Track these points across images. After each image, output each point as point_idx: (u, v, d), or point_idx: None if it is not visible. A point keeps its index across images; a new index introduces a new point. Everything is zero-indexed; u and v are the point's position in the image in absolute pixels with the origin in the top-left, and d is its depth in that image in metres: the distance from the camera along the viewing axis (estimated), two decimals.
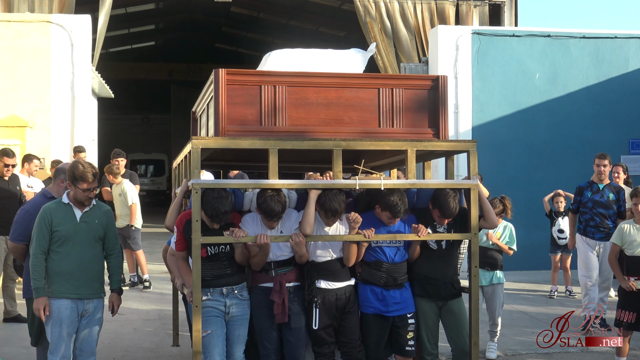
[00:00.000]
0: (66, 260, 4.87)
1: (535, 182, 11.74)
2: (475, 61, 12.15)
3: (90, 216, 4.97)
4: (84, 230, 4.91)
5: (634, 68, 12.53)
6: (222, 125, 4.79)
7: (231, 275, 4.81)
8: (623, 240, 6.16)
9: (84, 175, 4.83)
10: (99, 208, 5.06)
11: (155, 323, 8.12)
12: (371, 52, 5.53)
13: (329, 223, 4.90)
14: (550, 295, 10.03)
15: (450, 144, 5.11)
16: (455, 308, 5.20)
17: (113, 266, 5.17)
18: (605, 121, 12.34)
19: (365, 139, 4.90)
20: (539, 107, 12.32)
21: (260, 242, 4.64)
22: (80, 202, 4.91)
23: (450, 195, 4.98)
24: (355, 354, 4.97)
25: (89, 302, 4.96)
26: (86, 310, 4.94)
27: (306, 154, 5.44)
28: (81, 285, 4.90)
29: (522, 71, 12.32)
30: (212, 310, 4.70)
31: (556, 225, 10.05)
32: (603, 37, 12.52)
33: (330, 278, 4.94)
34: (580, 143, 12.13)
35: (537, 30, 12.60)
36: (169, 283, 10.36)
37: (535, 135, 12.23)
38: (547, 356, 6.76)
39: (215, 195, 4.56)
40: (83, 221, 4.92)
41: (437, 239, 5.13)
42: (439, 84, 5.14)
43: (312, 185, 4.91)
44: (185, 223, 4.77)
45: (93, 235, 4.96)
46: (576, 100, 12.36)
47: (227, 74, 4.82)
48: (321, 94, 4.98)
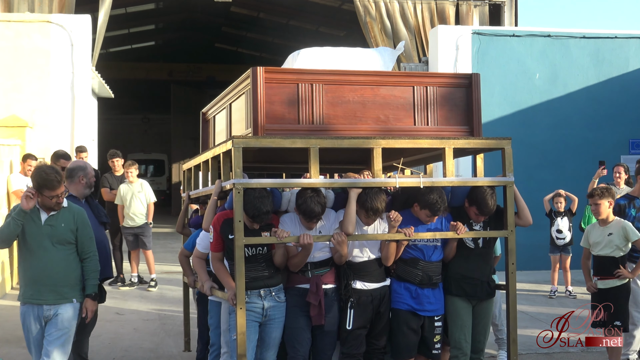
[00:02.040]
0: (29, 265, 4.73)
1: (535, 182, 11.73)
2: (475, 61, 12.15)
3: (56, 219, 4.76)
4: (47, 234, 4.71)
5: (634, 68, 12.53)
6: (261, 123, 4.72)
7: (269, 277, 4.72)
8: (589, 241, 6.26)
9: (48, 184, 4.63)
10: (68, 211, 4.84)
11: (155, 323, 8.11)
12: (400, 50, 5.53)
13: (368, 222, 4.86)
14: (550, 295, 10.03)
15: (486, 142, 5.11)
16: (485, 309, 5.20)
17: (88, 270, 4.93)
18: (605, 121, 12.34)
19: (403, 137, 4.88)
20: (539, 107, 12.32)
21: (304, 242, 4.56)
22: (48, 207, 4.72)
23: (488, 192, 4.98)
24: (380, 356, 4.95)
25: (52, 308, 4.75)
26: (47, 317, 4.74)
27: (336, 154, 5.39)
28: (45, 291, 4.71)
29: (522, 71, 12.32)
30: (249, 314, 4.58)
31: (555, 225, 10.03)
32: (603, 37, 12.52)
33: (366, 279, 4.89)
34: (580, 143, 12.14)
35: (537, 30, 12.60)
36: (169, 283, 10.40)
37: (535, 135, 12.22)
38: (547, 356, 6.75)
39: (256, 194, 4.48)
40: (48, 224, 4.73)
41: (473, 238, 5.11)
42: (472, 82, 5.15)
43: (353, 184, 4.83)
44: (223, 223, 4.68)
45: (58, 239, 4.75)
46: (576, 100, 12.36)
47: (266, 72, 4.76)
48: (357, 92, 4.96)
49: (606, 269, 6.10)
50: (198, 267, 5.13)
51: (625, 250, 6.13)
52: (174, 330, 7.67)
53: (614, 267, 6.06)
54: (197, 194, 6.08)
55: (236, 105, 5.37)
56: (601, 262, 6.15)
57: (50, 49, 11.45)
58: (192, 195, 6.28)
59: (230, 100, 5.53)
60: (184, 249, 5.69)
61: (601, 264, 6.15)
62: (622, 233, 6.06)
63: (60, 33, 11.51)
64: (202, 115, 6.73)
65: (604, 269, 6.12)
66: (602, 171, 9.59)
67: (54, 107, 11.47)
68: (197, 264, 5.15)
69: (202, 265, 5.09)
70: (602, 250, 6.13)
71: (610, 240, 6.09)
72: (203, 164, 5.78)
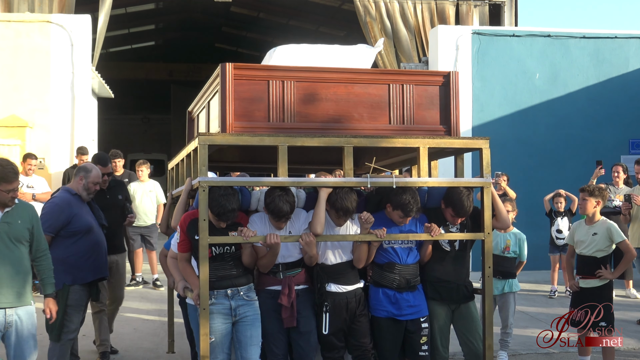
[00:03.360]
0: None
1: (535, 182, 11.74)
2: (475, 61, 12.15)
3: (12, 216, 4.55)
4: (4, 231, 4.49)
5: (634, 68, 12.53)
6: (229, 121, 4.64)
7: (237, 277, 4.62)
8: (573, 239, 6.27)
9: (5, 176, 4.44)
10: (22, 208, 4.65)
11: (155, 323, 8.11)
12: (379, 47, 5.42)
13: (339, 223, 4.78)
14: (550, 295, 10.03)
15: (463, 141, 4.99)
16: (468, 311, 5.09)
17: (44, 269, 4.74)
18: (605, 121, 12.33)
19: (376, 136, 4.78)
20: (539, 107, 12.32)
21: (270, 242, 4.49)
22: (2, 203, 4.51)
23: (464, 193, 4.87)
24: (368, 357, 4.85)
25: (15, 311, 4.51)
26: (9, 324, 4.49)
27: (310, 154, 5.31)
28: (8, 293, 4.48)
29: (522, 71, 12.31)
30: (217, 316, 4.52)
31: (555, 225, 10.03)
32: (603, 37, 12.51)
33: (340, 281, 4.80)
34: (580, 143, 12.13)
35: (537, 30, 12.60)
36: None
37: (535, 135, 12.22)
38: (547, 356, 6.75)
39: (222, 192, 4.41)
40: (4, 222, 4.51)
41: (449, 240, 5.01)
42: (450, 80, 5.04)
43: (323, 183, 4.75)
44: (190, 223, 4.61)
45: (16, 237, 4.53)
46: (576, 100, 12.36)
47: (235, 68, 4.68)
48: (330, 89, 4.85)
49: (588, 269, 6.10)
50: (172, 267, 5.05)
51: (608, 251, 6.12)
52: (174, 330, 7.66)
53: (596, 267, 6.05)
54: (177, 193, 5.98)
55: (213, 102, 5.27)
56: (584, 262, 6.15)
57: (50, 49, 11.45)
58: (173, 195, 6.17)
59: (208, 98, 5.44)
60: (164, 249, 5.57)
61: (584, 263, 6.16)
62: (607, 234, 6.06)
63: (60, 33, 11.50)
64: (188, 114, 6.63)
65: (586, 268, 6.13)
66: (599, 171, 9.61)
67: (54, 107, 11.47)
68: (171, 264, 5.07)
69: (176, 265, 4.98)
70: (585, 249, 6.13)
71: (593, 240, 6.09)
72: (180, 162, 5.73)
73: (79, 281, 5.54)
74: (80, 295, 5.59)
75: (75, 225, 5.50)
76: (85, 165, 5.77)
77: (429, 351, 4.95)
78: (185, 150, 5.37)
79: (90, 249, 5.60)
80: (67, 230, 5.47)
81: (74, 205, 5.56)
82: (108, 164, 6.43)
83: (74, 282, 5.51)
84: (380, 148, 4.99)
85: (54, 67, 11.48)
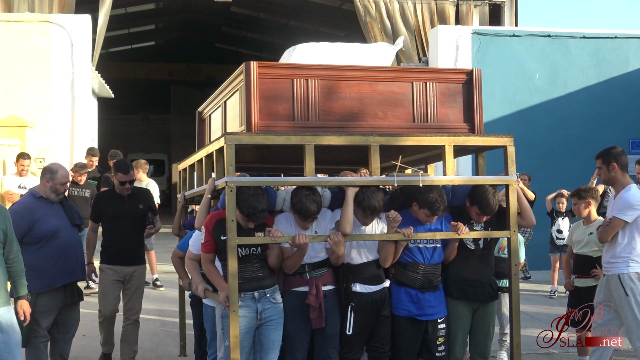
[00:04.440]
0: None
1: (535, 182, 11.73)
2: (475, 61, 12.15)
3: None
4: None
5: (634, 68, 12.53)
6: (255, 120, 4.56)
7: (263, 278, 4.53)
8: (572, 239, 6.31)
9: None
10: None
11: (155, 323, 8.11)
12: (398, 46, 5.37)
13: (366, 222, 4.71)
14: (550, 295, 10.03)
15: (487, 139, 4.93)
16: (488, 312, 5.09)
17: (18, 270, 4.61)
18: (605, 121, 12.34)
19: (401, 135, 4.73)
20: (539, 107, 12.32)
21: (299, 242, 4.40)
22: None
23: (490, 191, 4.84)
24: (384, 358, 4.82)
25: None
26: None
27: (332, 153, 5.22)
28: None
29: (522, 71, 12.32)
30: (242, 318, 4.40)
31: (556, 225, 10.03)
32: (603, 37, 12.52)
33: (366, 281, 4.73)
34: (580, 143, 12.13)
35: (537, 30, 12.60)
36: (169, 283, 10.38)
37: (535, 135, 12.22)
38: (547, 356, 6.75)
39: (251, 192, 4.32)
40: None
41: (474, 239, 4.98)
42: (473, 78, 4.99)
43: (350, 182, 4.66)
44: (216, 223, 4.50)
45: None
46: (576, 100, 12.36)
47: (259, 66, 4.58)
48: (354, 88, 4.80)
49: (584, 268, 6.13)
50: (191, 269, 4.98)
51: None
52: (174, 330, 7.66)
53: (591, 267, 6.07)
54: (192, 194, 5.90)
55: (231, 102, 5.21)
56: (580, 261, 6.19)
57: (50, 49, 11.45)
58: (187, 196, 6.09)
59: (225, 98, 5.37)
60: (178, 250, 5.50)
61: (580, 263, 6.19)
62: None
63: (60, 33, 11.50)
64: (198, 114, 6.57)
65: (582, 267, 6.16)
66: None
67: (54, 107, 11.47)
68: (190, 265, 5.01)
69: (195, 267, 4.94)
70: (581, 249, 6.16)
71: (590, 240, 6.11)
72: (197, 163, 5.62)
73: (45, 288, 5.34)
74: (48, 301, 5.38)
75: (38, 231, 5.32)
76: (51, 167, 5.58)
77: (445, 351, 4.92)
78: (204, 151, 5.24)
79: (56, 253, 5.38)
80: (30, 237, 5.29)
81: (37, 210, 5.37)
82: (130, 171, 6.15)
83: (40, 289, 5.29)
84: (403, 146, 4.93)
85: (54, 67, 11.48)
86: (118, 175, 6.14)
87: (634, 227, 5.34)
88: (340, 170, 6.14)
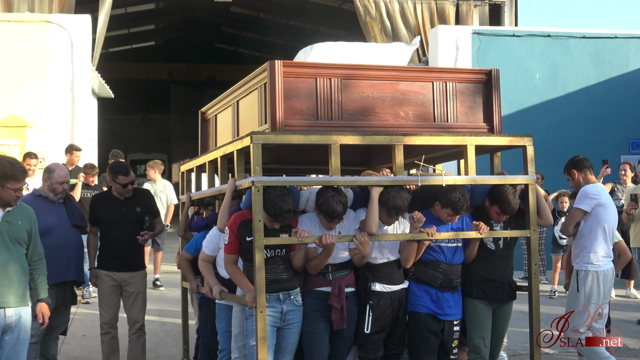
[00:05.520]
0: None
1: None
2: (475, 61, 12.15)
3: (13, 216, 4.44)
4: (5, 231, 4.37)
5: (634, 68, 12.53)
6: (280, 119, 4.53)
7: (288, 280, 4.51)
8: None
9: (14, 175, 4.33)
10: (22, 208, 4.54)
11: (155, 323, 8.11)
12: (415, 45, 5.39)
13: (389, 222, 4.69)
14: (550, 295, 10.02)
15: (507, 139, 4.95)
16: (506, 312, 5.09)
17: (40, 272, 4.61)
18: (605, 121, 12.34)
19: (424, 134, 4.73)
20: (539, 107, 12.32)
21: (326, 243, 4.37)
22: (6, 202, 4.38)
23: (510, 191, 4.84)
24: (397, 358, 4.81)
25: (15, 312, 4.38)
26: (8, 326, 4.36)
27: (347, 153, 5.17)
28: (5, 293, 4.34)
29: (522, 71, 12.32)
30: (268, 318, 4.36)
31: (558, 225, 10.01)
32: (603, 37, 12.52)
33: (385, 281, 4.71)
34: (580, 143, 12.13)
35: (537, 30, 12.61)
36: (169, 283, 10.39)
37: (535, 135, 12.14)
38: (547, 356, 6.75)
39: (277, 192, 4.30)
40: (5, 221, 4.40)
41: (494, 239, 4.98)
42: (492, 78, 5.01)
43: (375, 182, 4.64)
44: (241, 224, 4.47)
45: (15, 237, 4.41)
46: (576, 100, 12.37)
47: (284, 65, 4.58)
48: (376, 87, 4.81)
49: None
50: (205, 270, 4.97)
51: None
52: (174, 330, 7.67)
53: None
54: (202, 195, 5.78)
55: (245, 102, 5.20)
56: None
57: (50, 49, 11.46)
58: (193, 197, 5.97)
59: (238, 98, 5.36)
60: (185, 252, 5.48)
61: None
62: None
63: (60, 33, 11.51)
64: (201, 114, 6.54)
65: None
66: (605, 170, 9.58)
67: (54, 107, 11.47)
68: (204, 267, 4.99)
69: (209, 268, 4.94)
70: None
71: None
72: (209, 164, 5.53)
73: None
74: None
75: None
76: (50, 166, 5.59)
77: (457, 355, 4.94)
78: (220, 151, 5.14)
79: (48, 251, 5.11)
80: None
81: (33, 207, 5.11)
82: (130, 172, 5.92)
83: None
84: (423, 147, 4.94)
85: (54, 67, 11.48)
86: (118, 179, 5.87)
87: (593, 218, 5.56)
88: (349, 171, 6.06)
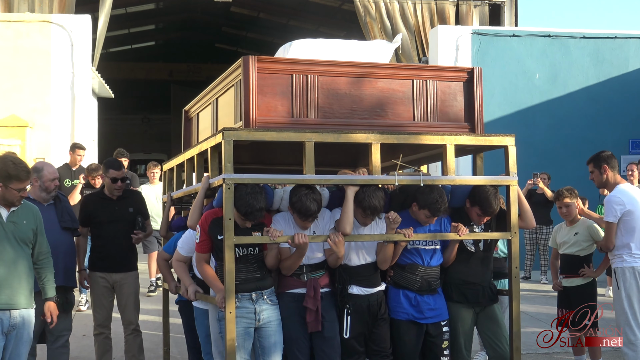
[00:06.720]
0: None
1: None
2: (475, 61, 12.15)
3: (18, 216, 4.40)
4: (10, 231, 4.34)
5: (634, 68, 12.53)
6: (253, 116, 4.43)
7: (261, 279, 4.41)
8: (556, 241, 6.38)
9: (17, 174, 4.30)
10: (27, 208, 4.50)
11: (155, 323, 8.11)
12: (397, 43, 5.30)
13: (365, 222, 4.58)
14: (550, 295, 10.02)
15: (489, 139, 4.85)
16: (493, 314, 5.00)
17: (47, 272, 4.58)
18: (605, 121, 12.34)
19: (402, 133, 4.64)
20: (539, 107, 12.32)
21: (298, 242, 4.28)
22: (10, 202, 4.36)
23: (491, 192, 4.75)
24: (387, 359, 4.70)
25: (19, 312, 4.35)
26: (13, 327, 4.33)
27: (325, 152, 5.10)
28: (13, 294, 4.32)
29: (522, 71, 12.32)
30: (240, 320, 4.28)
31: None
32: (603, 37, 12.52)
33: (362, 283, 4.60)
34: (580, 143, 12.14)
35: (537, 30, 12.61)
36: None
37: (535, 135, 12.22)
38: (547, 356, 6.75)
39: (249, 190, 4.19)
40: (10, 221, 4.36)
41: (474, 241, 4.89)
42: (473, 76, 4.92)
43: (351, 181, 4.53)
44: (212, 222, 4.37)
45: (21, 237, 4.39)
46: (576, 100, 12.37)
47: (258, 61, 4.47)
48: (354, 84, 4.70)
49: (571, 268, 6.20)
50: (180, 271, 4.85)
51: (590, 250, 6.21)
52: (174, 330, 7.65)
53: (579, 266, 6.15)
54: (181, 193, 5.63)
55: (224, 99, 5.09)
56: (567, 261, 6.26)
57: (50, 49, 11.45)
58: (174, 196, 5.79)
59: (217, 95, 5.24)
60: (164, 253, 5.33)
61: (567, 263, 6.26)
62: (588, 232, 6.18)
63: (60, 33, 11.51)
64: (185, 113, 6.41)
65: (569, 267, 6.23)
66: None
67: (54, 107, 11.47)
68: (178, 268, 4.87)
69: (184, 269, 4.82)
70: (568, 249, 6.23)
71: (576, 240, 6.19)
72: (187, 162, 5.44)
73: None
74: None
75: None
76: (36, 166, 5.47)
77: (449, 356, 4.83)
78: (196, 148, 5.09)
79: None
80: None
81: None
82: (122, 168, 5.85)
83: None
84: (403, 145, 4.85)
85: (54, 67, 11.48)
86: (109, 172, 5.77)
87: (621, 223, 5.55)
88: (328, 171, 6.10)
